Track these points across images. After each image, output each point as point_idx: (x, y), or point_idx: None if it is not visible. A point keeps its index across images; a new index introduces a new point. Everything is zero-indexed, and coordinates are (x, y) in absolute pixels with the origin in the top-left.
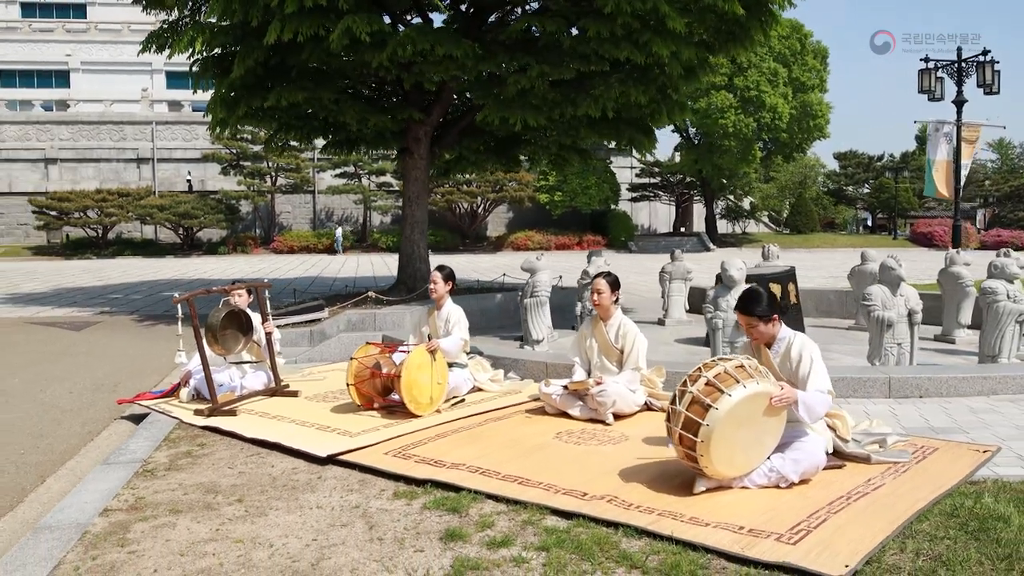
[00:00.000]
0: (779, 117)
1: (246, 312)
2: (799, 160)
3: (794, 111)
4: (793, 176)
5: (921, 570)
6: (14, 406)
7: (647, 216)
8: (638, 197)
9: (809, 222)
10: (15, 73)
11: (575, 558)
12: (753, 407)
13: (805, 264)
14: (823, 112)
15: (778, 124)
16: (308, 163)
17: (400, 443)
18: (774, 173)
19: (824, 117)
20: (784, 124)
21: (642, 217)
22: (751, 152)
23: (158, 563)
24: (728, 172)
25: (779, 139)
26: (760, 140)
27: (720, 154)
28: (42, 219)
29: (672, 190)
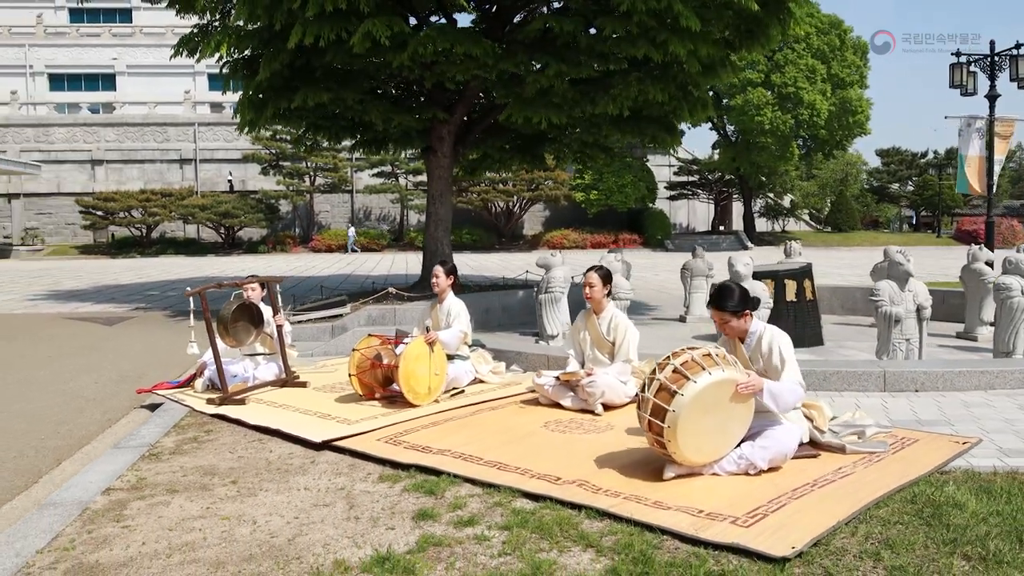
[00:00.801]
0: (817, 114)
1: (257, 305)
2: (839, 157)
3: (833, 107)
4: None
5: (866, 552)
6: (41, 396)
7: (686, 214)
8: (676, 195)
9: (850, 220)
10: (64, 77)
11: (535, 537)
12: (719, 394)
13: (843, 262)
14: (863, 108)
15: (816, 121)
16: (346, 163)
17: (393, 431)
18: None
19: (864, 113)
20: (822, 121)
21: (681, 216)
22: (789, 149)
23: (147, 537)
24: (767, 170)
25: (818, 136)
26: (798, 137)
27: (757, 151)
28: (88, 219)
29: (711, 188)
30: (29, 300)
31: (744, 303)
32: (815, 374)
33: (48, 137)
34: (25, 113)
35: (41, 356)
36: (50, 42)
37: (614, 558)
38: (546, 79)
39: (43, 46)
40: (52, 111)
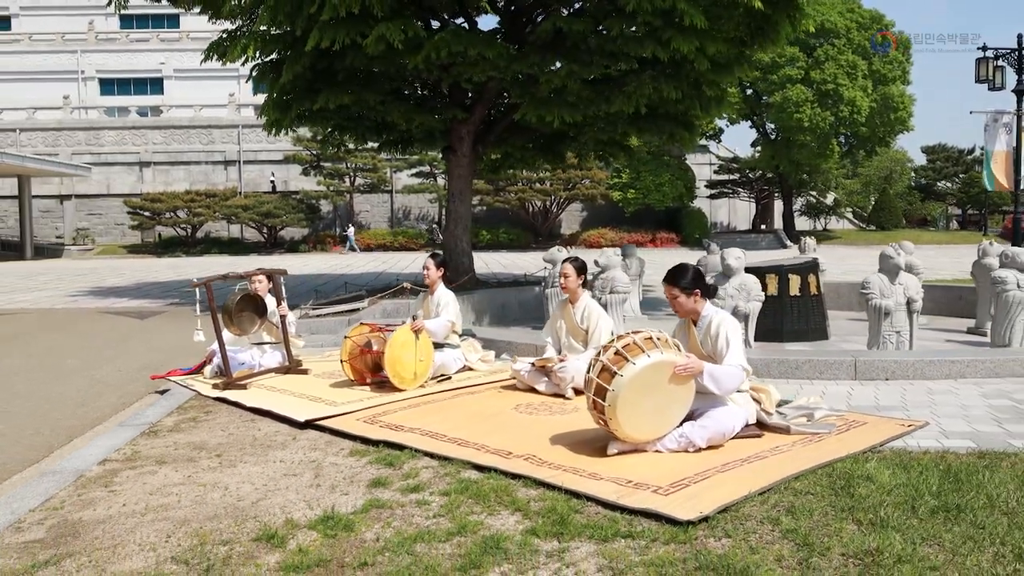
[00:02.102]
0: (858, 111)
1: (261, 296)
2: (883, 154)
3: (874, 104)
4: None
5: (768, 517)
6: (67, 382)
7: (726, 213)
8: (716, 194)
9: (893, 218)
10: (114, 81)
11: (470, 502)
12: (657, 376)
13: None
14: (905, 104)
15: (857, 118)
16: (385, 163)
17: (373, 412)
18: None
19: (907, 110)
20: (863, 118)
21: (721, 214)
22: (829, 147)
23: (128, 499)
24: (808, 168)
25: (859, 133)
26: (839, 135)
27: (797, 149)
28: (136, 219)
29: (751, 187)
30: (71, 296)
31: (695, 283)
32: (787, 363)
33: (98, 140)
34: (77, 117)
35: (73, 347)
36: (101, 48)
37: (536, 520)
38: (559, 79)
39: (94, 52)
40: (102, 115)
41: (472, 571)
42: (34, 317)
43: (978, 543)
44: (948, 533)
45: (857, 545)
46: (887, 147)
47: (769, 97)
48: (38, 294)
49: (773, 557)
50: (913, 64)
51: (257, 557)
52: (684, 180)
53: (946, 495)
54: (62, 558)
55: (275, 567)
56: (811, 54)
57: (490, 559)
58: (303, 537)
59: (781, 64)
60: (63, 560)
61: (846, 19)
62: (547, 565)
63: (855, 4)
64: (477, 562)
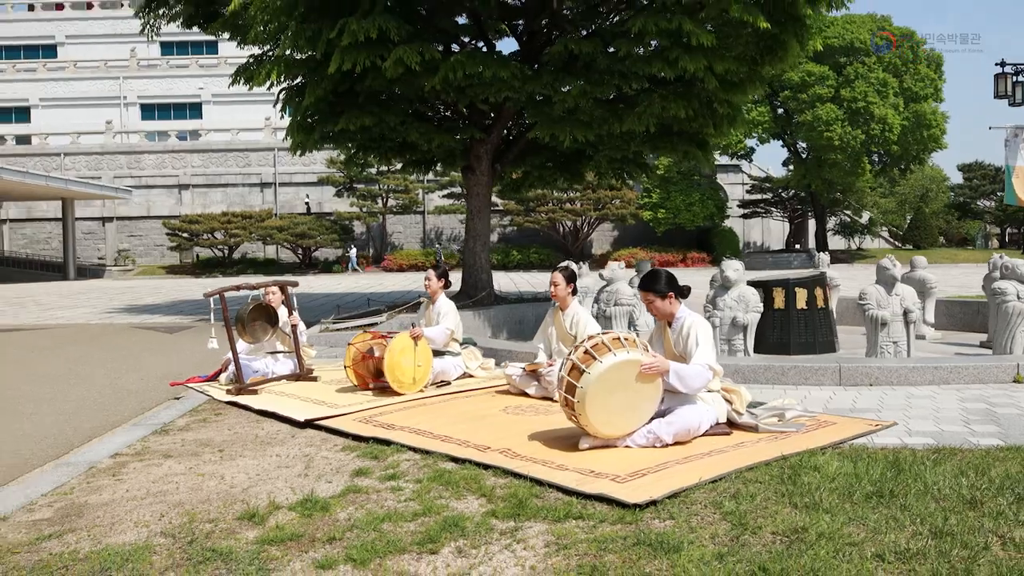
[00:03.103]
0: (889, 128)
1: (273, 306)
2: (916, 172)
3: (906, 122)
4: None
5: (712, 502)
6: (93, 389)
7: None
8: (749, 213)
9: (929, 237)
10: (154, 106)
11: (440, 488)
12: (624, 374)
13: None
14: (938, 122)
15: (888, 136)
16: (416, 185)
17: (369, 413)
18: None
19: (939, 127)
20: (895, 136)
21: (755, 234)
22: (860, 165)
23: (131, 486)
24: (840, 186)
25: (891, 151)
26: (870, 152)
27: (828, 168)
28: (175, 240)
29: (784, 206)
30: (106, 313)
31: (668, 286)
32: (773, 369)
33: (139, 164)
34: (119, 141)
35: (102, 358)
36: (143, 74)
37: (498, 504)
38: (571, 98)
39: (136, 78)
40: (143, 139)
41: (428, 545)
42: (69, 331)
43: (900, 522)
44: (875, 514)
45: (787, 524)
46: (921, 165)
47: (799, 116)
48: (76, 311)
49: (708, 535)
50: (946, 81)
51: (237, 532)
52: (715, 200)
53: (884, 483)
54: (64, 533)
55: (252, 540)
56: (841, 72)
57: (447, 535)
58: (282, 516)
59: (811, 83)
60: (65, 535)
61: (876, 37)
62: (499, 541)
63: (886, 22)
64: (435, 538)
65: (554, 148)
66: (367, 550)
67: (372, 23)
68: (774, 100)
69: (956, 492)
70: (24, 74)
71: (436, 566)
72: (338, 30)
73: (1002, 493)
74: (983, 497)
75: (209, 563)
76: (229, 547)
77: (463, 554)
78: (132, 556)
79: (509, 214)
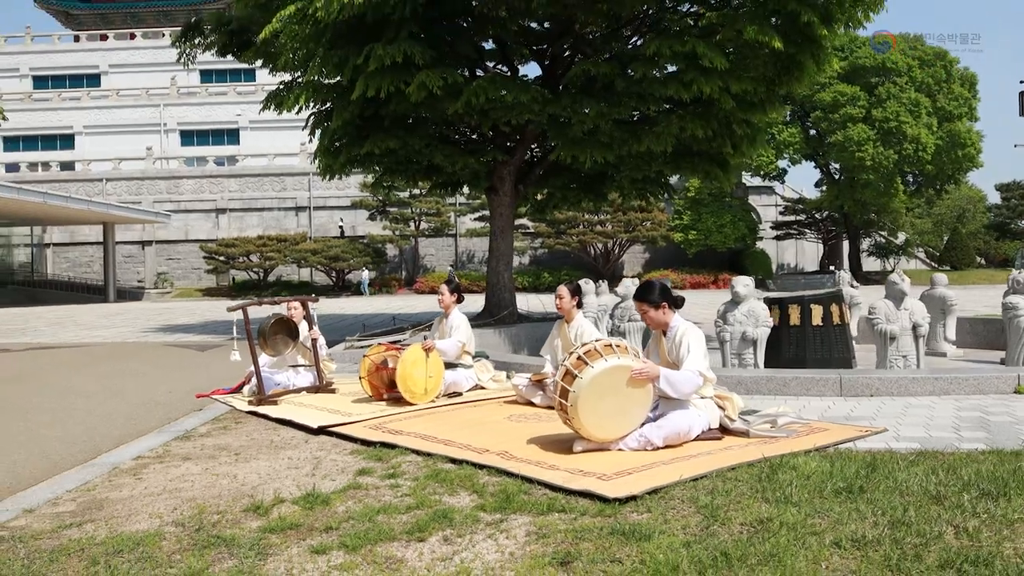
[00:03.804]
0: (923, 148)
1: (295, 321)
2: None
3: (940, 141)
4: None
5: (689, 497)
6: (123, 401)
7: (794, 254)
8: (782, 235)
9: (966, 257)
10: (193, 132)
11: (436, 485)
12: (615, 379)
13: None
14: (973, 141)
15: (922, 156)
16: (448, 208)
17: (380, 420)
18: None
19: (974, 146)
20: (929, 156)
21: (788, 256)
22: (893, 185)
23: (150, 484)
24: (875, 208)
25: (925, 171)
26: (904, 173)
27: (861, 188)
28: (211, 263)
29: (818, 227)
30: (142, 332)
31: (662, 297)
32: (775, 380)
33: (178, 188)
34: (159, 167)
35: (133, 372)
36: (182, 101)
37: (487, 499)
38: (591, 120)
39: (176, 105)
40: (182, 164)
41: (417, 534)
42: (105, 349)
43: (863, 514)
44: (840, 507)
45: (755, 516)
46: (957, 185)
47: (831, 136)
48: (113, 330)
49: (680, 526)
50: (980, 100)
51: (242, 522)
52: (746, 221)
53: (856, 480)
54: (84, 523)
55: (255, 529)
56: (872, 92)
57: (436, 525)
58: (285, 509)
59: (842, 103)
60: (84, 524)
61: (908, 57)
62: (484, 531)
63: (918, 42)
64: (425, 527)
65: (577, 169)
66: (359, 538)
67: (397, 49)
68: (805, 121)
69: (923, 488)
70: (69, 103)
71: (422, 552)
72: (364, 56)
73: (967, 489)
74: (947, 492)
75: (213, 548)
76: (233, 534)
77: (449, 542)
78: (143, 541)
79: (540, 236)
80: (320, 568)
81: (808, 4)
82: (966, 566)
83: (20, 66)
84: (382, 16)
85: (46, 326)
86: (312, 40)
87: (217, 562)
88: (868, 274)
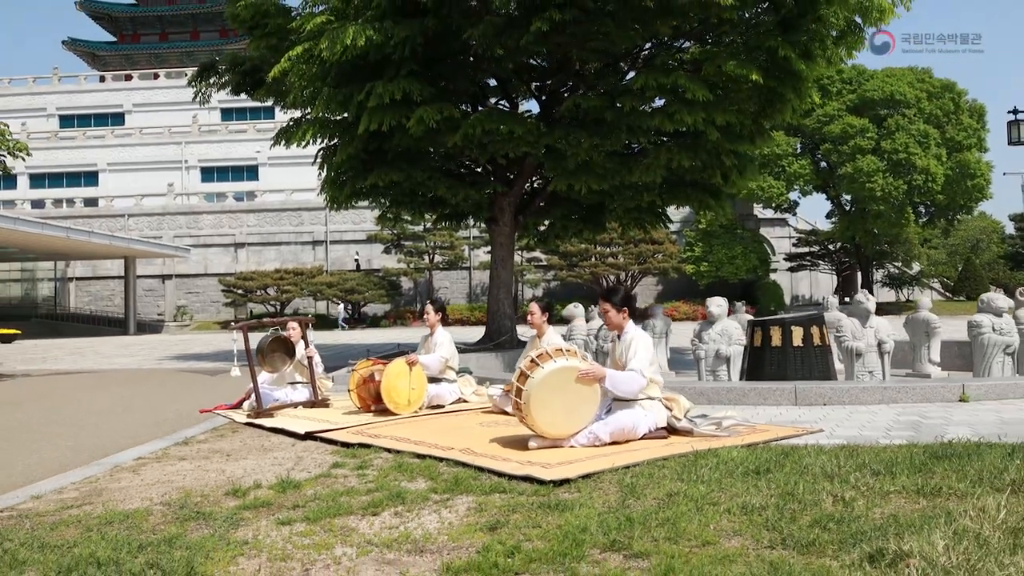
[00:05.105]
0: (932, 179)
1: (292, 340)
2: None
3: (950, 172)
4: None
5: (617, 480)
6: (133, 418)
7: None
8: (796, 267)
9: (980, 287)
10: (213, 169)
11: (398, 474)
12: (563, 378)
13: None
14: (982, 172)
15: (932, 186)
16: (462, 241)
17: (362, 427)
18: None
19: (984, 177)
20: (939, 186)
21: (803, 287)
22: (904, 216)
23: (146, 477)
24: (887, 238)
25: (936, 201)
26: (915, 203)
27: (872, 219)
28: (229, 296)
29: (832, 259)
30: (157, 360)
31: (624, 302)
32: (735, 391)
33: (198, 224)
34: (179, 203)
35: (145, 394)
36: (203, 139)
37: (440, 484)
38: (584, 151)
39: (197, 142)
40: (202, 200)
41: (372, 509)
42: (120, 374)
43: (759, 489)
44: (742, 484)
45: (666, 491)
46: (968, 215)
47: (840, 168)
48: (131, 359)
49: (601, 501)
50: (990, 131)
51: (222, 502)
52: (758, 253)
53: (766, 465)
54: (84, 504)
55: (231, 507)
56: (881, 124)
57: (390, 504)
58: (260, 493)
59: (851, 135)
60: (84, 506)
61: (916, 89)
62: (431, 508)
63: (925, 74)
64: (379, 505)
65: (576, 200)
66: (321, 512)
67: (397, 86)
68: (816, 153)
69: (822, 469)
70: (94, 140)
71: (374, 523)
72: (366, 93)
73: (860, 469)
74: (841, 472)
75: (192, 520)
76: (211, 511)
77: (399, 515)
78: (132, 515)
79: (553, 269)
80: (283, 535)
81: (790, 42)
82: (832, 524)
83: (47, 106)
84: (383, 56)
85: (66, 355)
86: (318, 79)
87: (195, 531)
88: (882, 304)
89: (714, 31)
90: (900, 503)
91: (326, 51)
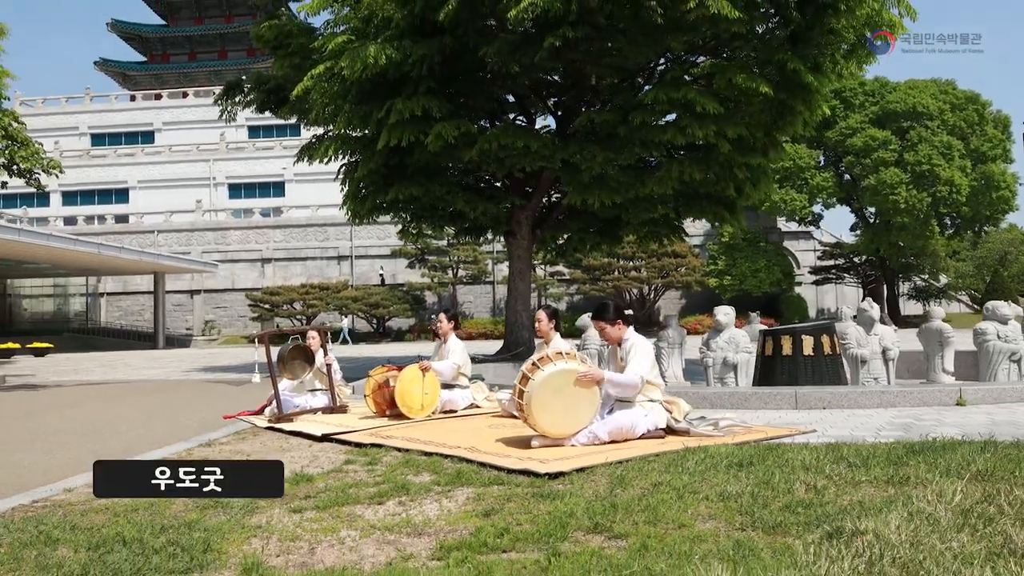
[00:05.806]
0: (957, 190)
1: (311, 348)
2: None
3: (975, 183)
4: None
5: (609, 473)
6: (157, 424)
7: (834, 298)
8: (821, 280)
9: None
10: (241, 186)
11: (405, 469)
12: (563, 380)
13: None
14: (1008, 183)
15: (956, 198)
16: (486, 255)
17: (376, 429)
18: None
19: (1010, 188)
20: (963, 197)
21: (828, 300)
22: (928, 228)
23: None
24: (912, 251)
25: (961, 213)
26: (940, 215)
27: (896, 231)
28: (256, 311)
29: (857, 271)
30: (185, 372)
31: (616, 315)
32: (737, 395)
33: (225, 239)
34: (207, 219)
35: (171, 402)
36: (231, 156)
37: (443, 477)
38: (598, 165)
39: (225, 160)
40: (229, 216)
41: (377, 499)
42: (149, 385)
43: (738, 479)
44: (724, 475)
45: (652, 482)
46: (995, 227)
47: (864, 181)
48: (159, 371)
49: (591, 491)
50: (1015, 143)
51: None
52: (781, 266)
53: (750, 458)
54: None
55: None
56: (904, 136)
57: (395, 494)
58: None
59: (874, 147)
60: None
61: (939, 101)
62: (433, 497)
63: (949, 86)
64: (385, 495)
65: (592, 213)
66: (331, 502)
67: (416, 103)
68: (839, 165)
69: (801, 462)
70: (124, 158)
71: (379, 511)
72: (386, 110)
73: (838, 462)
74: (820, 464)
75: (211, 509)
76: (229, 501)
77: (403, 504)
78: (157, 504)
79: (576, 283)
80: (294, 520)
81: (799, 55)
82: (800, 509)
83: (80, 125)
84: (402, 74)
85: (97, 367)
86: (340, 96)
87: (212, 517)
88: (908, 318)
89: (727, 45)
90: (869, 491)
91: (347, 69)
